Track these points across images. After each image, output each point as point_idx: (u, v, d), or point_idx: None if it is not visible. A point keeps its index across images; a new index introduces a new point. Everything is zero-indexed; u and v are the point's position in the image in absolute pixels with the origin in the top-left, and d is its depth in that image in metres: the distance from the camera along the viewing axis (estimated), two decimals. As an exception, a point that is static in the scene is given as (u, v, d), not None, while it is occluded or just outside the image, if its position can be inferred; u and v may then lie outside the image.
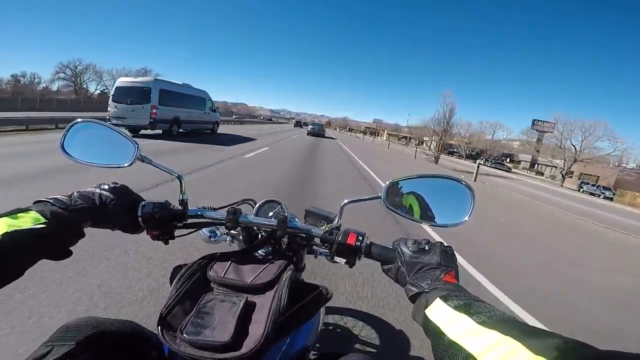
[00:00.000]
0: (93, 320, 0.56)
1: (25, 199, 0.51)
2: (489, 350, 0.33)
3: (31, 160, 5.44)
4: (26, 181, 4.06)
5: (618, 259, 5.37)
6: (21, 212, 0.46)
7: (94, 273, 2.09)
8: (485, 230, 5.22)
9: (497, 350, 0.32)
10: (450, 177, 0.65)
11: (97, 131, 0.68)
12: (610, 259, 5.17)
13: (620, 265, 4.89)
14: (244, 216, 0.67)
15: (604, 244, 6.33)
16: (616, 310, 3.03)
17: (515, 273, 3.55)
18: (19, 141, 7.89)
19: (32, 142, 7.70)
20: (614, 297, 3.37)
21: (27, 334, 1.50)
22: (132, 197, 0.64)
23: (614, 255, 5.60)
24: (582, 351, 0.29)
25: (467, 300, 0.43)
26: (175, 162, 6.66)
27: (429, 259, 0.53)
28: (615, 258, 5.36)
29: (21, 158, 5.76)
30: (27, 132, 9.93)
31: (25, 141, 7.96)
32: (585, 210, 12.52)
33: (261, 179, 6.19)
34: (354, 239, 0.61)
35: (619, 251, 5.96)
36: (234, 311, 0.50)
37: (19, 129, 10.19)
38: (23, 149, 6.83)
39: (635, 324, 2.79)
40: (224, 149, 10.29)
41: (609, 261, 5.03)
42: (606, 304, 3.14)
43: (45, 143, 7.52)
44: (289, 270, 0.59)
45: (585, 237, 6.62)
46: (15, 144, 7.50)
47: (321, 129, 31.55)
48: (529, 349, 0.30)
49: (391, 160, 17.84)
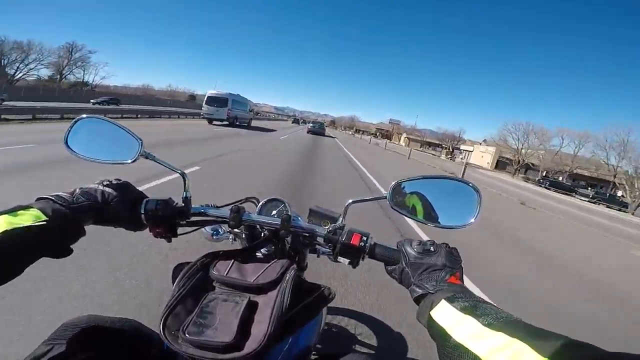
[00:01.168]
0: (93, 319, 0.55)
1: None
2: (496, 353, 0.33)
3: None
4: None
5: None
6: (22, 210, 0.46)
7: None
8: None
9: (505, 352, 0.32)
10: (456, 178, 0.65)
11: (102, 127, 0.68)
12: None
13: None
14: (247, 214, 0.67)
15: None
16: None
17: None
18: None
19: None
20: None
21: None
22: (135, 194, 0.63)
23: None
24: (589, 353, 0.29)
25: (472, 302, 0.42)
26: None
27: (434, 260, 0.53)
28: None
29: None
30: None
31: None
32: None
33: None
34: (358, 239, 0.60)
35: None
36: (236, 311, 0.50)
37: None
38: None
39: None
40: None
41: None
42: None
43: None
44: (292, 269, 0.58)
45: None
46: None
47: (321, 128, 32.49)
48: (536, 350, 0.30)
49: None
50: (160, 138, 9.46)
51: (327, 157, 12.03)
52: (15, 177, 3.90)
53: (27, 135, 7.52)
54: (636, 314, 3.22)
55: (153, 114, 20.68)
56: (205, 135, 12.61)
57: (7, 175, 3.92)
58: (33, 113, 11.91)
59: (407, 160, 20.73)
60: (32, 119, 11.52)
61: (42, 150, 5.67)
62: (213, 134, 13.44)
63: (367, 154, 18.37)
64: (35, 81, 43.82)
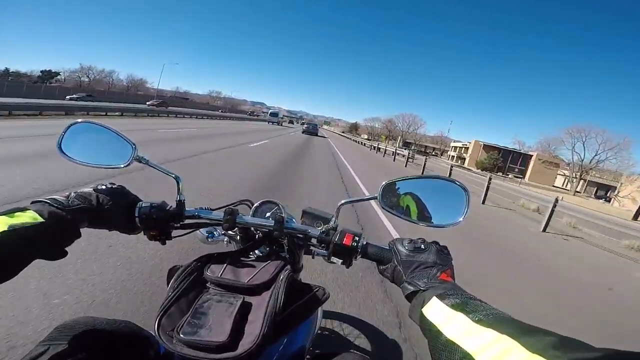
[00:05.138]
0: (90, 320, 0.55)
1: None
2: (485, 349, 0.33)
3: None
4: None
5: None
6: (19, 211, 0.46)
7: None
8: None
9: (494, 348, 0.33)
10: (445, 177, 0.66)
11: (95, 132, 0.68)
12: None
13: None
14: (241, 217, 0.67)
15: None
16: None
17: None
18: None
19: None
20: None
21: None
22: (129, 198, 0.64)
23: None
24: (578, 349, 0.29)
25: (463, 298, 0.43)
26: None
27: (425, 258, 0.54)
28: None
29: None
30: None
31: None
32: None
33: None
34: (351, 239, 0.61)
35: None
36: (230, 311, 0.50)
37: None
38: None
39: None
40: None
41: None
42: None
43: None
44: (286, 270, 0.59)
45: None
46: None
47: (315, 129, 38.71)
48: (525, 346, 0.30)
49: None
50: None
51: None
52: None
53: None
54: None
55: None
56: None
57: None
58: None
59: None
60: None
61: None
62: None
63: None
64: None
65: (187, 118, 29.01)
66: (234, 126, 25.62)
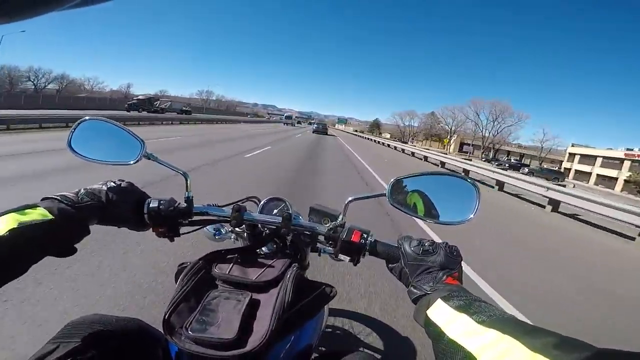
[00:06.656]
0: (99, 318, 0.56)
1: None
2: (487, 349, 0.34)
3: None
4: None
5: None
6: (29, 209, 0.47)
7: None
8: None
9: (495, 348, 0.33)
10: (454, 174, 0.65)
11: (104, 129, 0.68)
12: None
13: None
14: (248, 214, 0.67)
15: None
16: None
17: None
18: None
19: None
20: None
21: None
22: (138, 194, 0.64)
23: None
24: (580, 349, 0.29)
25: (467, 300, 0.43)
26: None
27: (432, 261, 0.53)
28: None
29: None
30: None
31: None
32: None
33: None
34: (359, 236, 0.61)
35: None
36: (238, 308, 0.50)
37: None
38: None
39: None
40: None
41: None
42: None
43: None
44: (293, 267, 0.59)
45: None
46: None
47: (324, 128, 40.92)
48: (526, 346, 0.31)
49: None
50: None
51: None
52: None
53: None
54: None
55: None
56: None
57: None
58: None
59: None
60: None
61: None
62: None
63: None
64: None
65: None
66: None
